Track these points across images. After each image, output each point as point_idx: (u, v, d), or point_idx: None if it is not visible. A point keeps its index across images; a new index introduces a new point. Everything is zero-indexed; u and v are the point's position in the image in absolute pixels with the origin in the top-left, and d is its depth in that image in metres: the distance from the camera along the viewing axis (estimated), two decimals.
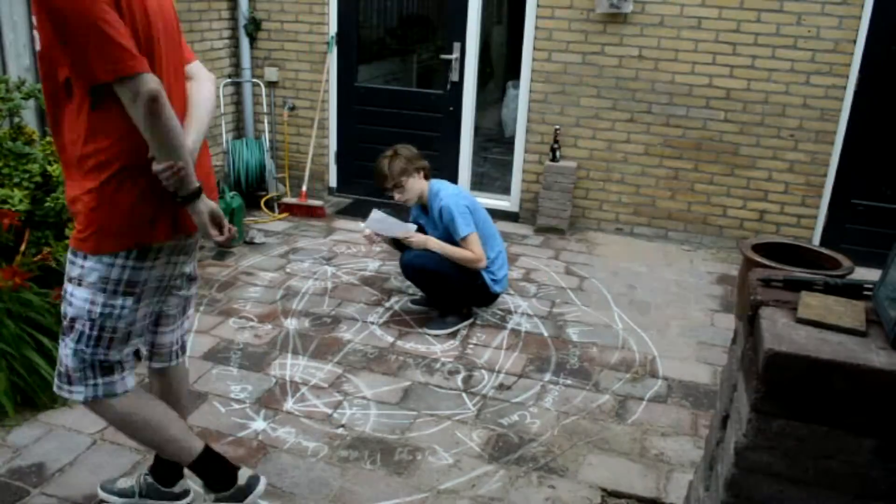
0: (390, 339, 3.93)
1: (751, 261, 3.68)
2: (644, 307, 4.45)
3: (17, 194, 3.30)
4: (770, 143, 5.20)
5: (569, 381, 3.56)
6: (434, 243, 3.94)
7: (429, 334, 3.98)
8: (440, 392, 3.43)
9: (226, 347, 3.77)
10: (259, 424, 3.12)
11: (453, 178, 6.06)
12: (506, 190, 6.08)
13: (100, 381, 2.20)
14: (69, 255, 2.12)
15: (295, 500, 2.67)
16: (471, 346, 3.89)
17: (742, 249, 3.88)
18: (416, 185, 4.03)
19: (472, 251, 3.90)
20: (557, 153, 5.56)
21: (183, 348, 2.56)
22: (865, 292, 1.64)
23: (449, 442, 3.05)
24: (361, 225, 4.16)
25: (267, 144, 5.92)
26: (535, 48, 5.52)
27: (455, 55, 5.79)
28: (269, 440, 3.02)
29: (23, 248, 3.31)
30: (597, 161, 5.62)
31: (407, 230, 4.02)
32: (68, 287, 2.14)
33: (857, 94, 4.95)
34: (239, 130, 6.26)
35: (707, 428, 2.94)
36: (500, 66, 8.68)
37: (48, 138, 3.62)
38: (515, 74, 5.89)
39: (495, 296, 4.16)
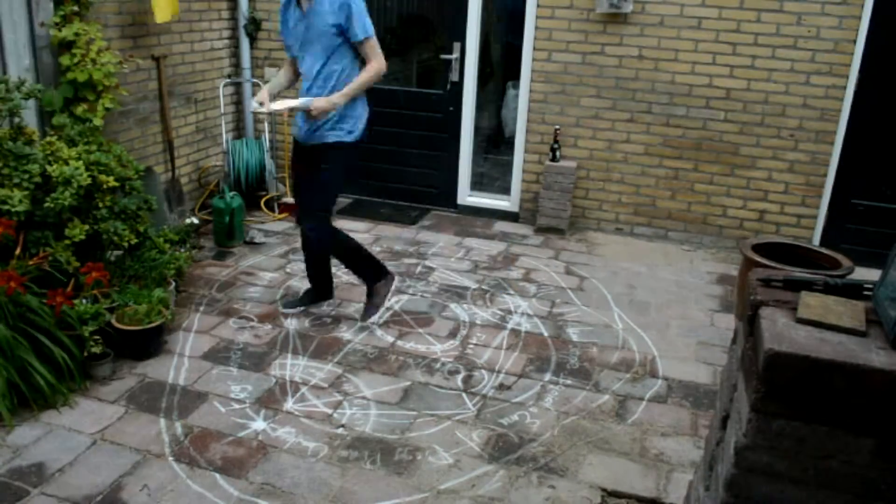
0: (390, 339, 3.93)
1: (751, 261, 3.68)
2: (644, 307, 4.45)
3: (17, 195, 3.30)
4: (770, 143, 5.20)
5: (569, 381, 3.56)
6: (338, 97, 3.62)
7: (368, 324, 3.99)
8: (440, 392, 3.43)
9: (226, 347, 3.77)
10: (259, 424, 3.12)
11: (453, 178, 6.07)
12: (506, 190, 6.08)
13: None
14: None
15: (295, 500, 2.67)
16: (471, 346, 3.88)
17: (742, 249, 3.88)
18: None
19: (375, 59, 3.62)
20: (557, 153, 5.56)
21: None
22: (865, 292, 1.64)
23: (449, 442, 3.05)
24: (254, 103, 3.67)
25: (267, 144, 5.92)
26: (535, 48, 5.52)
27: (455, 55, 5.79)
28: (268, 440, 3.02)
29: (17, 251, 3.31)
30: (597, 161, 5.62)
31: (305, 103, 3.62)
32: None
33: (857, 94, 4.95)
34: (239, 130, 6.26)
35: (707, 428, 2.94)
36: (500, 66, 8.67)
37: (48, 138, 3.62)
38: (515, 74, 5.89)
39: (356, 144, 3.89)
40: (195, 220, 5.17)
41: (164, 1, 4.74)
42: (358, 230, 5.59)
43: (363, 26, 3.59)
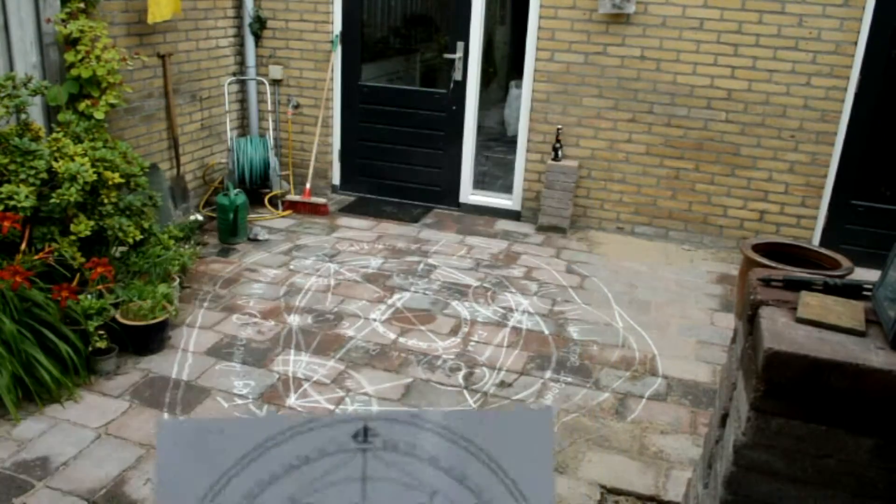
0: (392, 335, 3.95)
1: (751, 260, 3.70)
2: (644, 306, 4.48)
3: (24, 190, 3.32)
4: (771, 144, 5.22)
5: (569, 379, 3.59)
6: None
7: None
8: (441, 389, 3.45)
9: (229, 343, 3.79)
10: None
11: (456, 177, 6.09)
12: (508, 189, 6.10)
13: None
14: None
15: None
16: (472, 343, 3.91)
17: (742, 249, 3.90)
18: None
19: None
20: (559, 152, 5.58)
21: None
22: (865, 293, 1.66)
23: None
24: None
25: (271, 142, 5.94)
26: (537, 48, 5.54)
27: (458, 54, 5.80)
28: None
29: (23, 246, 3.33)
30: (598, 160, 5.64)
31: None
32: None
33: (857, 95, 4.97)
34: (243, 128, 6.27)
35: (706, 426, 2.96)
36: (503, 66, 8.70)
37: (54, 135, 3.65)
38: (518, 74, 5.90)
39: None
40: (199, 217, 5.19)
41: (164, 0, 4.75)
42: (361, 228, 5.62)
43: None
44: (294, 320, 4.07)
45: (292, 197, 5.96)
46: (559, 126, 5.58)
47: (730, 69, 5.16)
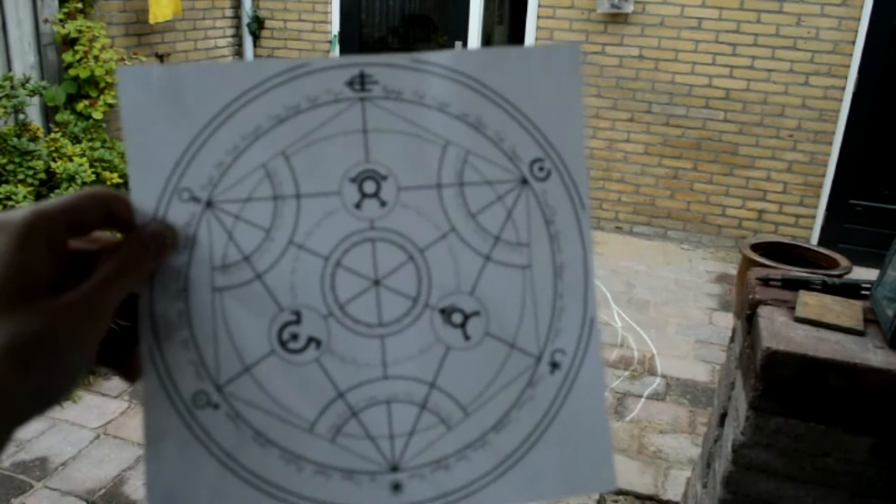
0: None
1: (749, 260, 3.71)
2: (643, 305, 4.48)
3: (22, 191, 3.32)
4: (769, 144, 5.22)
5: None
6: None
7: None
8: None
9: None
10: None
11: None
12: None
13: None
14: None
15: None
16: None
17: (741, 249, 3.91)
18: None
19: None
20: None
21: None
22: (863, 292, 1.66)
23: None
24: None
25: None
26: None
27: None
28: None
29: None
30: (597, 160, 5.64)
31: None
32: None
33: (855, 94, 4.97)
34: None
35: (705, 425, 2.96)
36: None
37: (52, 135, 3.64)
38: None
39: None
40: None
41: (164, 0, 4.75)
42: None
43: None
44: None
45: None
46: None
47: (728, 68, 5.16)
